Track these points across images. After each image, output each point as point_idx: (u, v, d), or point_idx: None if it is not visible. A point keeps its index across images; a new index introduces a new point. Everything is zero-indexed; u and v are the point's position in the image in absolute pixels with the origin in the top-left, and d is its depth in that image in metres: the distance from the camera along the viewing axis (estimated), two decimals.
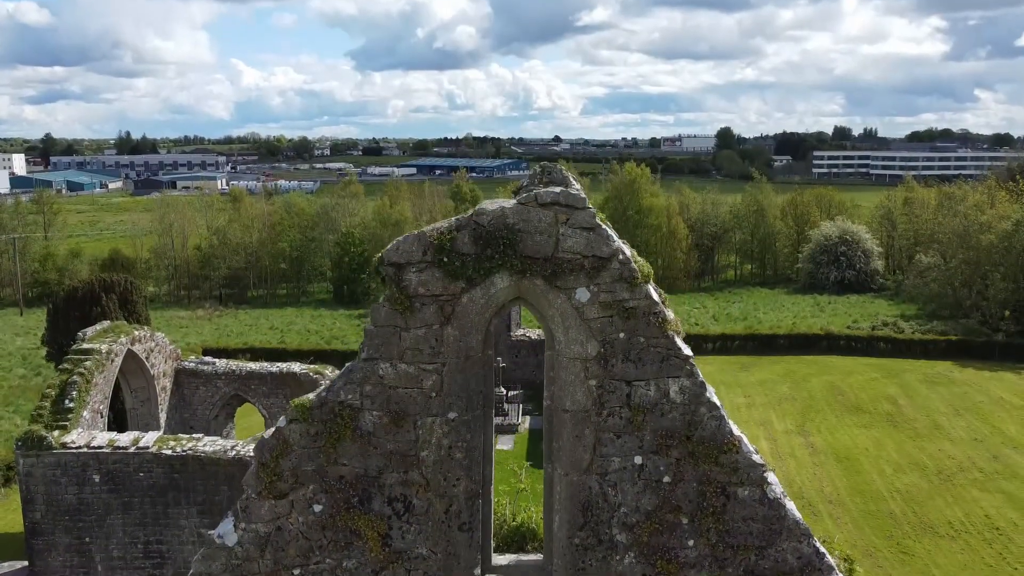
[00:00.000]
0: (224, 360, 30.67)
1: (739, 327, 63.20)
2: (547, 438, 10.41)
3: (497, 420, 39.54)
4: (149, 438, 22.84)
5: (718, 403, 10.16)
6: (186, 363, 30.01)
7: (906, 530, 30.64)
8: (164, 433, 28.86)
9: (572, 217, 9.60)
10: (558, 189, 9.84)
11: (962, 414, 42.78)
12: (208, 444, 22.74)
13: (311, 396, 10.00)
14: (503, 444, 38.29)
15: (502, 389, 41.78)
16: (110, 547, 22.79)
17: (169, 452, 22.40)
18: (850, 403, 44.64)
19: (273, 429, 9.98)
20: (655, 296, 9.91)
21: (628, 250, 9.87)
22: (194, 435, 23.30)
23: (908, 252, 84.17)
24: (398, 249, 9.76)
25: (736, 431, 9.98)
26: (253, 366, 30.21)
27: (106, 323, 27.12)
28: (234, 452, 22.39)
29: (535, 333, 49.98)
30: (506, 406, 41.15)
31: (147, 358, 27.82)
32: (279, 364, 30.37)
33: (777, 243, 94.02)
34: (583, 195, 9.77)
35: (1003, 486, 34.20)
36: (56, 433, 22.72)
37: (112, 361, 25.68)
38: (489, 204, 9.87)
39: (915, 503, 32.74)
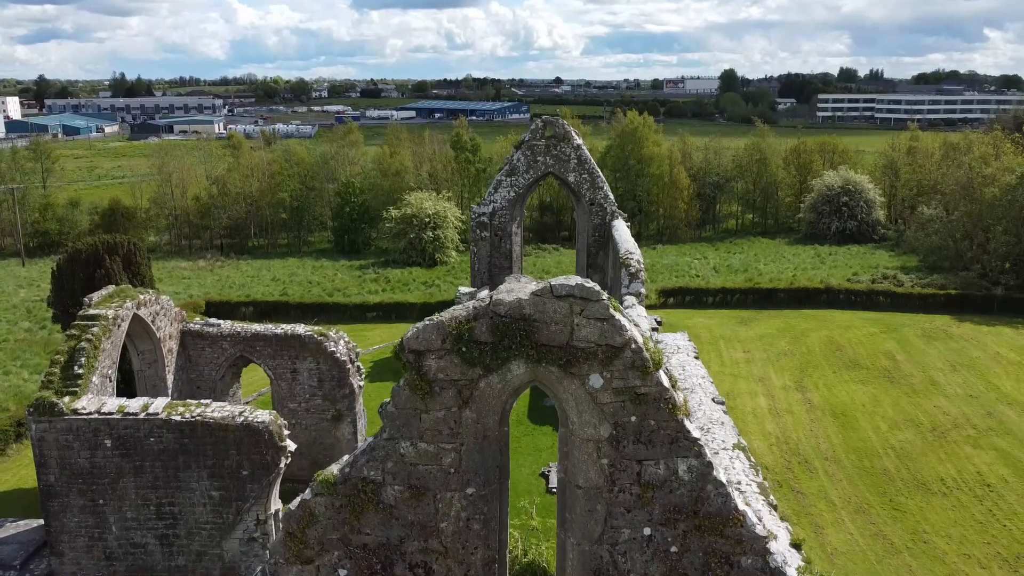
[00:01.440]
0: (229, 322, 30.90)
1: (740, 279, 63.43)
2: (560, 508, 10.77)
3: None
4: (158, 404, 23.22)
5: (724, 480, 10.55)
6: (191, 325, 30.26)
7: (899, 486, 31.33)
8: (172, 394, 29.35)
9: (587, 308, 9.87)
10: (573, 283, 9.99)
11: (958, 370, 43.27)
12: (216, 410, 23.11)
13: (335, 471, 10.31)
14: None
15: None
16: (123, 508, 23.38)
17: (178, 418, 22.79)
18: (848, 359, 45.11)
19: (299, 500, 10.36)
20: (666, 382, 10.15)
21: (640, 337, 10.06)
22: (202, 401, 23.65)
23: (910, 203, 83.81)
24: (418, 337, 10.01)
25: (741, 505, 10.37)
26: (258, 328, 30.47)
27: (111, 288, 27.25)
28: (242, 418, 22.79)
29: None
30: None
31: (152, 321, 28.07)
32: (283, 326, 30.60)
33: (779, 192, 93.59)
34: (597, 288, 9.83)
35: (996, 443, 34.82)
36: (67, 399, 23.08)
37: (118, 326, 25.92)
38: (506, 295, 9.96)
39: (909, 460, 33.40)
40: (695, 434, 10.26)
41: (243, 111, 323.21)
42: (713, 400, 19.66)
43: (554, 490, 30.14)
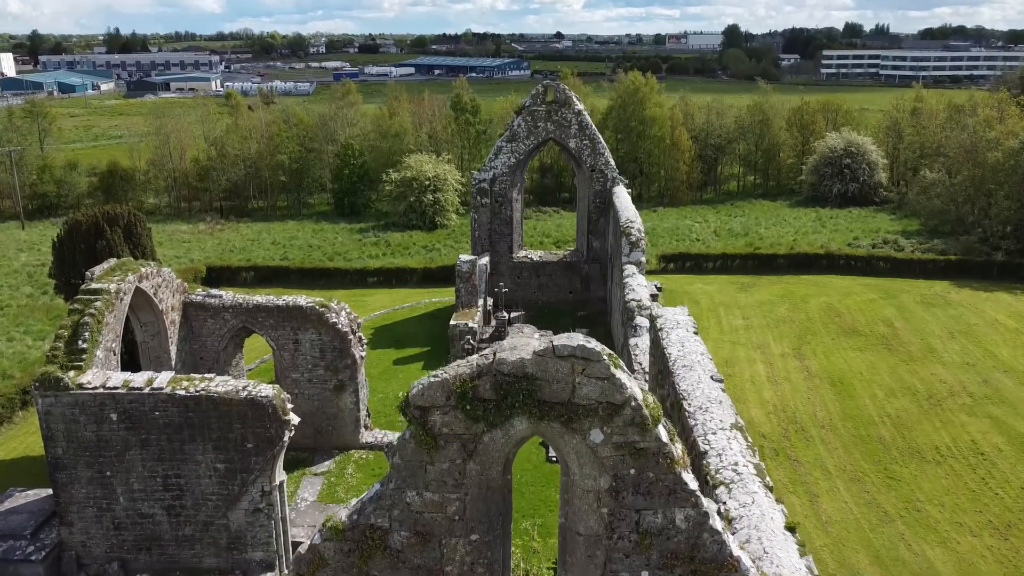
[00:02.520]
0: (230, 293, 31.01)
1: (740, 243, 63.42)
2: (561, 551, 11.14)
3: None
4: (163, 378, 23.46)
5: (720, 528, 10.93)
6: (193, 296, 30.39)
7: (894, 455, 31.76)
8: (175, 365, 29.62)
9: (588, 368, 10.16)
10: (575, 344, 10.12)
11: (956, 337, 43.54)
12: (220, 384, 23.36)
13: (343, 517, 10.59)
14: None
15: (503, 314, 42.35)
16: (131, 480, 23.77)
17: (183, 392, 23.04)
18: (847, 325, 45.35)
19: (308, 544, 10.71)
20: (664, 437, 10.42)
21: (639, 394, 10.28)
22: (206, 375, 23.86)
23: (913, 165, 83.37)
24: (423, 394, 10.27)
25: (736, 551, 10.73)
26: (260, 299, 30.61)
27: (113, 261, 27.30)
28: (245, 393, 23.04)
29: (537, 255, 50.27)
30: (508, 330, 41.76)
31: (155, 294, 28.19)
32: (285, 297, 30.73)
33: (781, 154, 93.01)
34: (598, 348, 9.90)
35: (991, 411, 35.20)
36: (72, 374, 23.32)
37: (121, 300, 26.05)
38: (509, 354, 10.03)
39: (904, 428, 33.80)
40: (692, 486, 10.47)
41: (240, 67, 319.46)
42: (712, 378, 19.86)
43: (553, 459, 30.59)
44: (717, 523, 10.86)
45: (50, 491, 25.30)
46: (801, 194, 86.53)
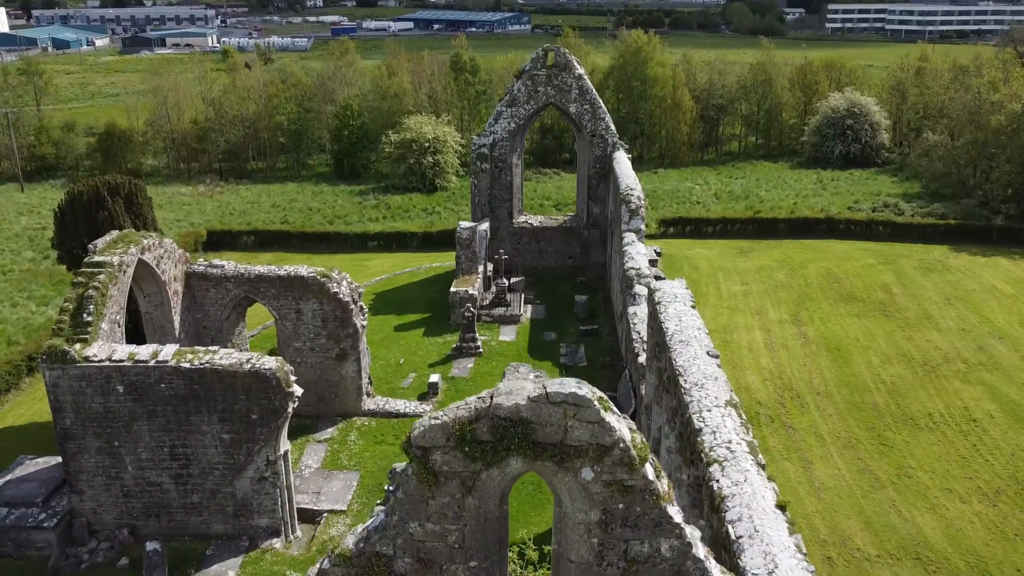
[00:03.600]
0: (232, 263, 31.20)
1: (740, 207, 63.39)
2: None
3: (499, 311, 40.74)
4: (167, 351, 23.81)
5: (703, 556, 11.56)
6: (195, 267, 30.61)
7: (887, 422, 32.28)
8: (179, 334, 29.98)
9: (579, 412, 10.84)
10: (568, 391, 10.75)
11: (953, 303, 43.83)
12: (224, 357, 23.72)
13: (350, 545, 11.12)
14: (505, 335, 39.54)
15: (504, 281, 42.61)
16: (138, 450, 24.29)
17: (187, 365, 23.41)
18: (845, 291, 45.62)
19: (317, 569, 11.23)
20: (651, 475, 11.00)
21: (628, 436, 10.81)
22: (210, 348, 24.20)
23: (916, 125, 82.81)
24: (424, 436, 10.97)
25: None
26: (262, 269, 30.82)
27: (115, 233, 27.44)
28: (249, 365, 23.41)
29: (537, 220, 50.32)
30: (508, 296, 42.12)
31: (157, 265, 28.40)
32: (287, 267, 30.94)
33: (783, 114, 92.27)
34: (589, 395, 10.14)
35: (984, 378, 35.64)
36: (78, 346, 23.66)
37: (124, 272, 26.28)
38: (505, 399, 10.27)
39: (898, 395, 34.28)
40: (677, 519, 10.89)
41: (236, 22, 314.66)
42: (708, 354, 20.18)
43: None
44: (700, 551, 11.31)
45: (59, 459, 25.85)
46: (803, 155, 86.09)
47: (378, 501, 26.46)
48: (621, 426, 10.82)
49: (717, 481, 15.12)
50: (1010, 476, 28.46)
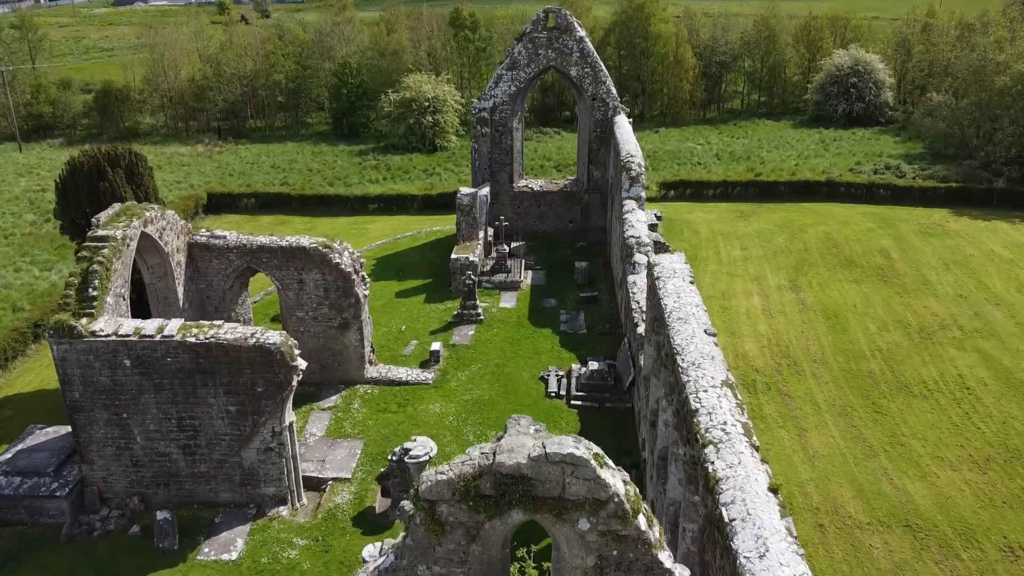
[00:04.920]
0: (234, 233, 31.32)
1: (741, 168, 63.17)
2: None
3: (499, 277, 41.01)
4: (173, 326, 24.13)
5: None
6: (197, 237, 30.76)
7: (882, 389, 32.76)
8: (183, 304, 30.30)
9: (576, 471, 11.64)
10: (565, 451, 11.42)
11: (951, 268, 44.04)
12: (229, 331, 24.05)
13: None
14: (506, 302, 39.85)
15: (504, 247, 42.77)
16: (146, 421, 24.78)
17: (192, 340, 23.76)
18: (844, 256, 45.79)
19: None
20: (643, 526, 11.65)
21: (622, 490, 11.50)
22: (214, 322, 24.51)
23: (920, 83, 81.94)
24: (431, 490, 11.67)
25: None
26: (263, 240, 30.97)
27: (117, 206, 27.55)
28: (254, 340, 23.75)
29: (537, 184, 50.26)
30: (509, 263, 42.31)
31: (160, 237, 28.57)
32: (288, 238, 31.08)
33: (787, 71, 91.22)
34: (586, 456, 10.40)
35: (980, 345, 36.02)
36: (84, 321, 23.98)
37: (128, 246, 26.47)
38: (507, 457, 10.58)
39: (894, 362, 34.70)
40: (667, 564, 11.34)
41: None
42: (706, 332, 20.49)
43: (552, 394, 31.66)
44: None
45: (69, 428, 26.41)
46: (806, 113, 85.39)
47: (381, 469, 27.11)
48: (616, 481, 11.26)
49: (712, 463, 15.54)
50: (1001, 444, 29.01)
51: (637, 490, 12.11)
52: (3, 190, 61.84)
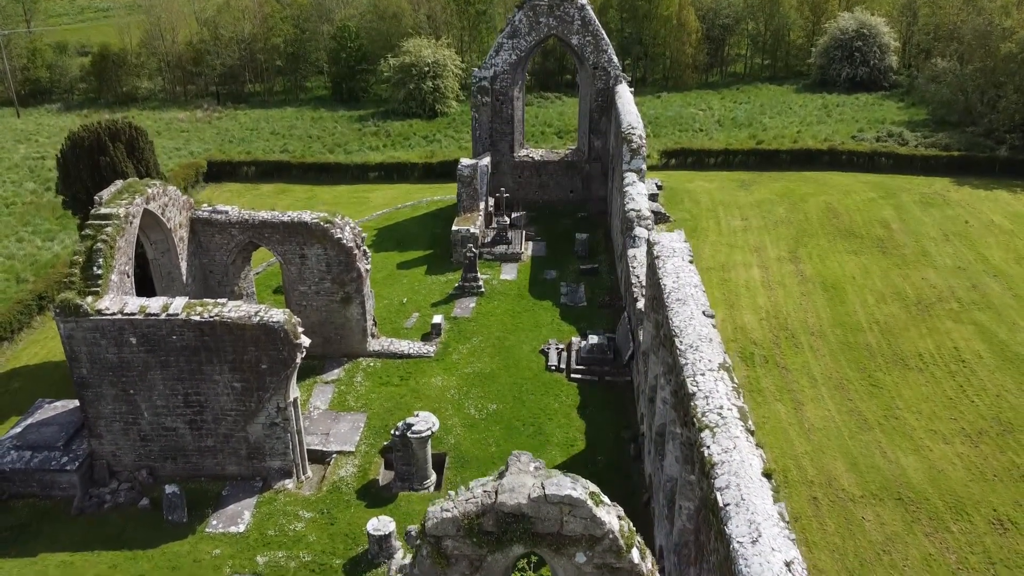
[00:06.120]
0: (236, 208, 31.42)
1: (743, 135, 62.87)
2: None
3: (500, 248, 41.20)
4: (177, 304, 24.41)
5: None
6: (199, 212, 30.88)
7: (879, 362, 33.15)
8: (186, 279, 30.56)
9: (574, 510, 12.53)
10: (564, 493, 12.21)
11: (951, 239, 44.16)
12: (233, 310, 24.32)
13: None
14: (507, 274, 40.08)
15: (505, 218, 42.86)
16: (153, 397, 25.20)
17: (197, 318, 24.05)
18: (844, 227, 45.88)
19: None
20: (636, 558, 12.37)
21: (617, 527, 12.22)
22: (219, 300, 24.78)
23: (926, 47, 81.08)
24: (437, 527, 12.44)
25: None
26: (265, 215, 31.09)
27: (120, 183, 27.65)
28: (258, 318, 24.05)
29: (538, 153, 50.16)
30: (509, 234, 42.44)
31: (162, 213, 28.71)
32: (290, 213, 31.19)
33: (791, 34, 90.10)
34: (583, 496, 10.68)
35: (976, 317, 36.33)
36: (90, 299, 24.26)
37: (131, 223, 26.62)
38: (509, 497, 10.89)
39: (891, 335, 35.05)
40: None
41: None
42: (704, 313, 20.75)
43: (552, 368, 32.07)
44: None
45: (76, 402, 26.88)
46: (809, 78, 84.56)
47: (384, 442, 27.63)
48: (611, 518, 11.67)
49: (708, 447, 15.92)
50: (993, 417, 29.47)
51: (631, 524, 12.84)
52: (2, 157, 61.69)
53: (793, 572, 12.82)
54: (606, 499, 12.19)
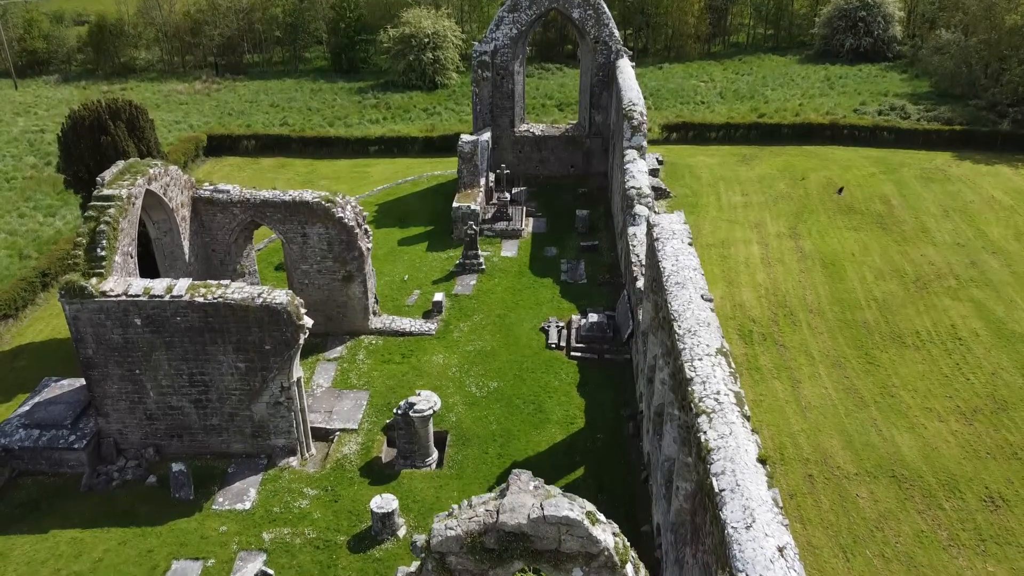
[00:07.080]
0: (237, 187, 31.48)
1: (745, 108, 62.62)
2: None
3: (501, 225, 41.31)
4: (181, 286, 24.63)
5: None
6: (201, 191, 30.97)
7: (876, 340, 33.43)
8: (188, 258, 30.76)
9: (571, 529, 13.20)
10: (561, 514, 12.66)
11: (950, 215, 44.23)
12: (236, 291, 24.55)
13: None
14: (507, 251, 40.23)
15: (506, 195, 42.90)
16: (159, 377, 25.54)
17: (201, 299, 24.29)
18: (844, 203, 45.90)
19: None
20: (631, 573, 12.86)
21: (612, 545, 12.73)
22: (222, 282, 24.98)
23: (931, 16, 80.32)
24: (441, 544, 13.08)
25: None
26: (267, 194, 31.17)
27: (121, 163, 27.71)
28: (261, 300, 24.28)
29: (538, 128, 50.02)
30: (510, 210, 42.52)
31: (164, 193, 28.81)
32: (292, 192, 31.24)
33: (794, 3, 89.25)
34: (579, 517, 10.93)
35: (974, 294, 36.54)
36: (94, 281, 24.48)
37: (133, 204, 26.74)
38: (509, 517, 11.13)
39: (889, 312, 35.29)
40: None
41: None
42: (703, 297, 20.96)
43: (552, 345, 32.38)
44: None
45: (82, 381, 27.24)
46: (812, 48, 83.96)
47: (387, 420, 28.03)
48: (606, 536, 12.03)
49: (704, 433, 16.25)
50: (988, 395, 29.82)
51: (626, 541, 13.33)
52: (1, 131, 61.49)
53: (786, 557, 13.20)
54: (602, 517, 12.57)
